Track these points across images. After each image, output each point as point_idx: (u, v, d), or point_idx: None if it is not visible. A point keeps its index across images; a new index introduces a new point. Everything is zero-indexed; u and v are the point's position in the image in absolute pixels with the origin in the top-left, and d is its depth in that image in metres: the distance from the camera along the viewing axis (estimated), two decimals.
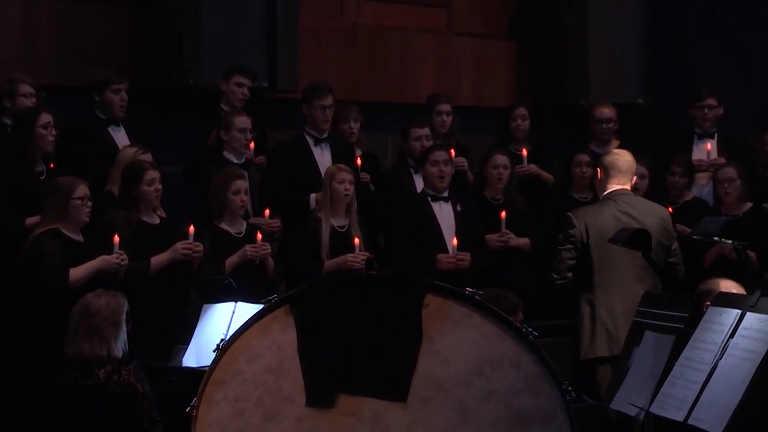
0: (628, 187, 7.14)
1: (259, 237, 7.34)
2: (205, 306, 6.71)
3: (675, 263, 7.18)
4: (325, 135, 8.25)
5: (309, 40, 9.59)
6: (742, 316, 4.22)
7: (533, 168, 8.73)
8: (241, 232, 7.44)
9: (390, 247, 7.99)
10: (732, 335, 4.20)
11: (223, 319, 6.49)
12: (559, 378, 4.37)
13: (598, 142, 9.01)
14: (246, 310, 6.30)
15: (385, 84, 10.10)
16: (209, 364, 4.46)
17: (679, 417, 4.18)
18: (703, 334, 4.35)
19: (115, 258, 6.74)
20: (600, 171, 7.12)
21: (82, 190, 6.73)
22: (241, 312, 6.39)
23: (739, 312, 4.25)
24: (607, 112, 9.04)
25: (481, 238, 7.98)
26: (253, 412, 4.31)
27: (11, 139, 7.27)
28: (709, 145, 8.72)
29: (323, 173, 7.82)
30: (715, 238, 4.95)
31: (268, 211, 7.65)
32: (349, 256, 7.48)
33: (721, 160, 8.51)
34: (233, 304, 6.55)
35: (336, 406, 4.32)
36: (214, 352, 4.46)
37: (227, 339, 4.50)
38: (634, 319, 5.10)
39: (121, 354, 5.69)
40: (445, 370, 4.36)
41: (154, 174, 7.09)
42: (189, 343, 6.55)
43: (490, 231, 8.04)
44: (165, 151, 8.20)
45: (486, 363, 4.36)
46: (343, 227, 7.66)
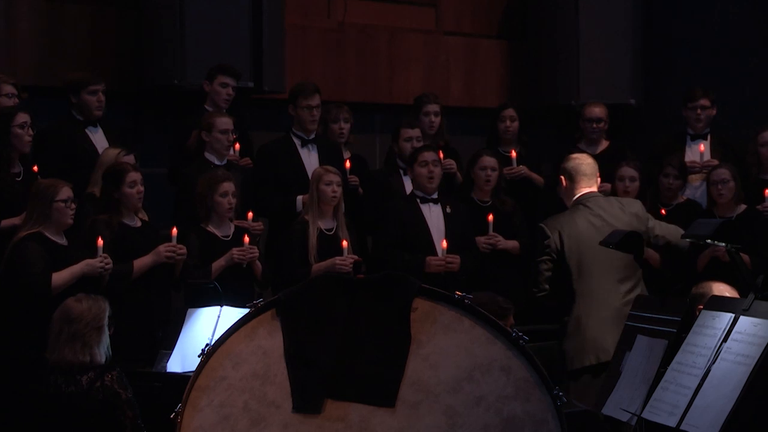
0: (595, 188, 7.12)
1: (246, 240, 7.34)
2: (189, 310, 6.70)
3: (660, 240, 7.14)
4: (312, 136, 8.25)
5: (295, 40, 9.59)
6: (736, 320, 4.23)
7: (523, 170, 8.73)
8: (229, 235, 7.44)
9: (378, 250, 8.00)
10: (725, 339, 4.21)
11: (208, 323, 6.48)
12: (550, 383, 4.37)
13: (587, 142, 9.03)
14: (231, 314, 6.31)
15: (373, 84, 10.10)
16: (194, 369, 4.45)
17: (672, 422, 4.19)
18: (695, 338, 4.37)
19: (99, 262, 6.73)
20: (564, 178, 7.05)
21: (66, 193, 6.72)
22: (227, 316, 6.39)
23: (732, 316, 4.26)
24: (597, 111, 9.06)
25: (471, 240, 7.99)
26: (238, 418, 4.31)
27: None
28: (702, 146, 8.74)
29: (310, 175, 7.83)
30: (708, 241, 4.96)
31: (251, 214, 7.65)
32: (337, 260, 7.49)
33: (714, 162, 8.52)
34: (218, 308, 6.55)
35: (323, 411, 4.31)
36: (199, 357, 4.45)
37: (212, 344, 4.49)
38: (626, 323, 5.11)
39: (103, 360, 5.68)
40: (434, 375, 4.35)
41: (135, 176, 7.09)
42: (173, 348, 6.55)
43: (477, 234, 8.05)
44: (148, 152, 8.19)
45: (475, 368, 4.36)
46: (330, 230, 7.66)
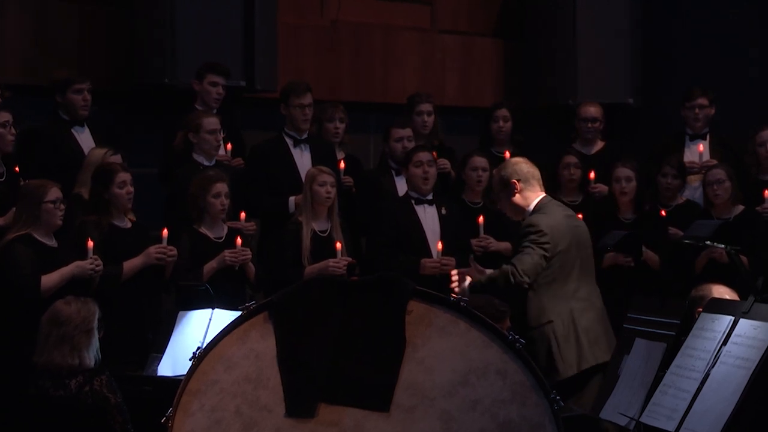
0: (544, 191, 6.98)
1: (239, 242, 7.33)
2: (180, 313, 6.70)
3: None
4: (305, 135, 8.25)
5: (288, 38, 9.58)
6: (735, 323, 4.23)
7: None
8: (221, 237, 7.43)
9: (372, 252, 7.99)
10: (725, 342, 4.22)
11: (199, 326, 6.48)
12: (547, 387, 4.37)
13: (582, 142, 9.03)
14: (223, 317, 6.30)
15: (367, 83, 10.10)
16: (185, 373, 4.45)
17: (670, 427, 4.19)
18: (695, 341, 4.37)
19: (89, 264, 6.72)
20: (518, 183, 6.78)
21: (54, 193, 6.72)
22: (219, 319, 6.38)
23: (732, 319, 4.26)
24: (593, 110, 9.06)
25: (467, 242, 7.98)
26: (230, 422, 4.30)
27: None
28: (701, 146, 8.74)
29: (303, 175, 7.83)
30: (707, 243, 4.97)
31: (243, 214, 7.64)
32: (331, 262, 7.49)
33: (713, 162, 8.53)
34: (210, 311, 6.54)
35: (316, 416, 4.31)
36: (190, 360, 4.45)
37: (204, 347, 4.49)
38: (625, 326, 5.11)
39: (93, 363, 5.67)
40: (429, 378, 4.36)
41: (125, 176, 7.08)
42: (164, 351, 6.54)
43: (470, 236, 8.03)
44: (139, 152, 8.18)
45: (471, 371, 4.36)
46: (324, 231, 7.66)
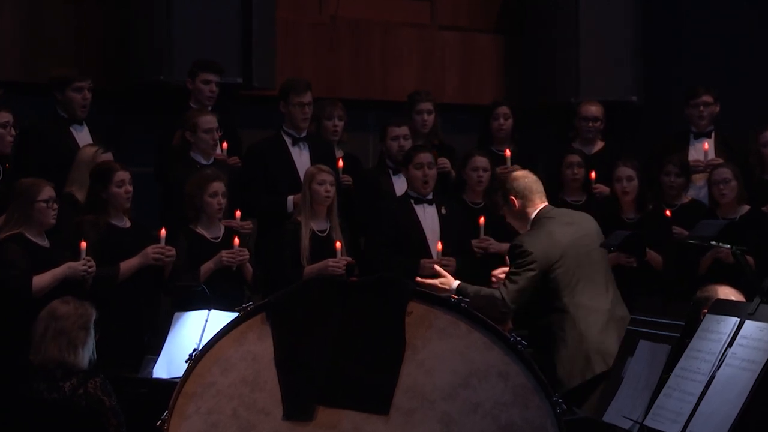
0: (546, 201, 7.01)
1: (236, 242, 7.32)
2: (176, 314, 6.69)
3: None
4: (304, 134, 8.24)
5: (286, 35, 9.58)
6: (741, 325, 4.22)
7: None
8: (218, 237, 7.42)
9: (371, 252, 7.98)
10: (730, 344, 4.20)
11: (195, 327, 6.47)
12: (549, 390, 4.37)
13: (582, 142, 9.03)
14: (220, 319, 6.30)
15: (366, 81, 10.09)
16: (181, 375, 4.44)
17: (675, 430, 4.18)
18: (700, 343, 4.36)
19: (81, 265, 6.72)
20: (515, 199, 6.75)
21: (48, 192, 6.71)
22: (215, 320, 6.38)
23: (738, 320, 4.25)
24: (594, 110, 9.05)
25: (468, 242, 7.97)
26: (227, 425, 4.30)
27: None
28: (706, 145, 8.73)
29: (302, 174, 7.81)
30: (712, 243, 4.96)
31: (239, 213, 7.63)
32: (330, 262, 7.48)
33: (718, 161, 8.52)
34: (206, 312, 6.54)
35: (314, 419, 4.30)
36: (186, 362, 4.44)
37: (200, 349, 4.48)
38: (628, 327, 5.11)
39: (86, 364, 5.67)
40: (430, 381, 4.35)
41: (123, 175, 7.08)
42: (159, 353, 6.54)
43: (471, 237, 8.01)
44: (133, 151, 8.17)
45: (472, 374, 4.35)
46: (323, 231, 7.65)
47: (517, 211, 6.82)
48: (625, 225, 8.02)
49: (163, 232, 7.12)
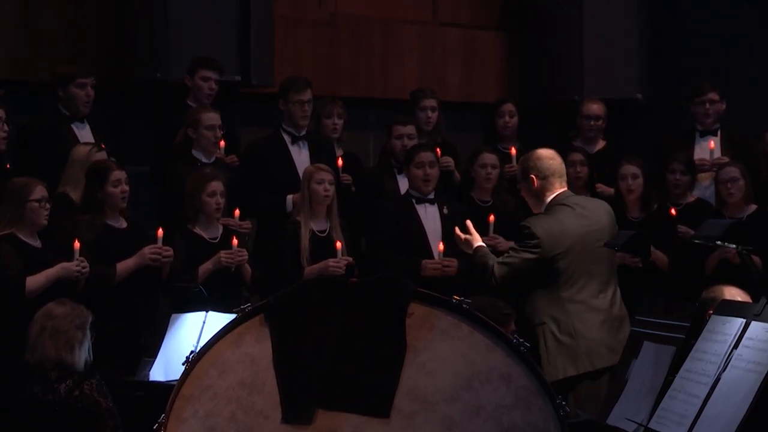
0: (566, 186, 6.99)
1: (234, 243, 7.31)
2: (173, 316, 6.69)
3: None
4: (303, 132, 8.24)
5: (285, 32, 9.57)
6: (747, 326, 4.22)
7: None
8: (216, 238, 7.42)
9: (372, 253, 7.97)
10: (736, 346, 4.20)
11: (193, 329, 6.47)
12: (553, 392, 4.35)
13: (584, 140, 9.02)
14: (217, 320, 6.29)
15: (367, 78, 10.09)
16: (178, 377, 4.43)
17: None
18: (705, 344, 4.35)
19: (75, 265, 6.70)
20: (535, 178, 6.77)
21: (40, 192, 6.70)
22: (213, 322, 6.38)
23: (744, 321, 4.24)
24: (596, 108, 9.05)
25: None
26: (225, 429, 4.28)
27: None
28: (712, 143, 8.72)
29: (301, 173, 7.81)
30: (718, 242, 4.95)
31: (238, 212, 7.62)
32: (331, 262, 7.47)
33: (724, 159, 8.51)
34: (204, 313, 6.53)
35: (314, 422, 4.29)
36: (183, 365, 4.43)
37: (197, 351, 4.47)
38: (632, 328, 5.10)
39: (82, 365, 5.67)
40: (431, 383, 4.34)
41: (120, 174, 7.08)
42: (156, 355, 6.53)
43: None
44: (131, 149, 8.16)
45: (474, 376, 4.34)
46: (323, 231, 7.64)
47: (534, 191, 6.82)
48: (630, 224, 8.01)
49: (161, 232, 7.11)
